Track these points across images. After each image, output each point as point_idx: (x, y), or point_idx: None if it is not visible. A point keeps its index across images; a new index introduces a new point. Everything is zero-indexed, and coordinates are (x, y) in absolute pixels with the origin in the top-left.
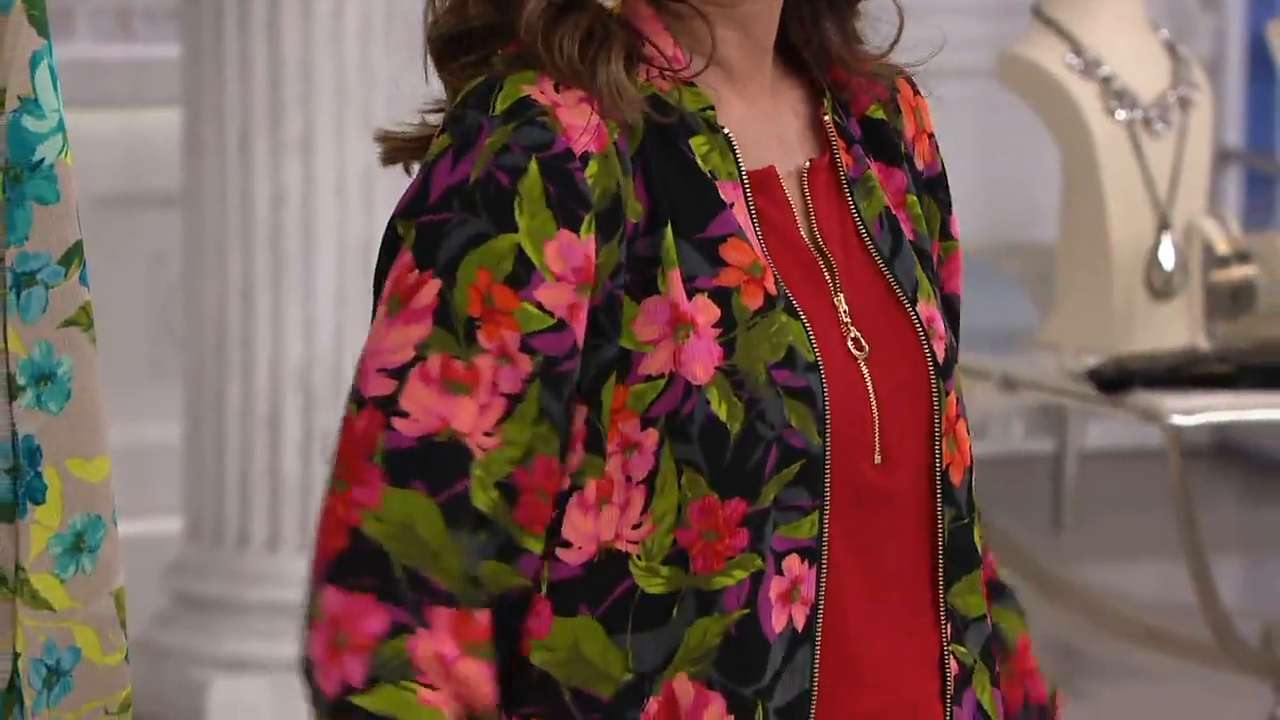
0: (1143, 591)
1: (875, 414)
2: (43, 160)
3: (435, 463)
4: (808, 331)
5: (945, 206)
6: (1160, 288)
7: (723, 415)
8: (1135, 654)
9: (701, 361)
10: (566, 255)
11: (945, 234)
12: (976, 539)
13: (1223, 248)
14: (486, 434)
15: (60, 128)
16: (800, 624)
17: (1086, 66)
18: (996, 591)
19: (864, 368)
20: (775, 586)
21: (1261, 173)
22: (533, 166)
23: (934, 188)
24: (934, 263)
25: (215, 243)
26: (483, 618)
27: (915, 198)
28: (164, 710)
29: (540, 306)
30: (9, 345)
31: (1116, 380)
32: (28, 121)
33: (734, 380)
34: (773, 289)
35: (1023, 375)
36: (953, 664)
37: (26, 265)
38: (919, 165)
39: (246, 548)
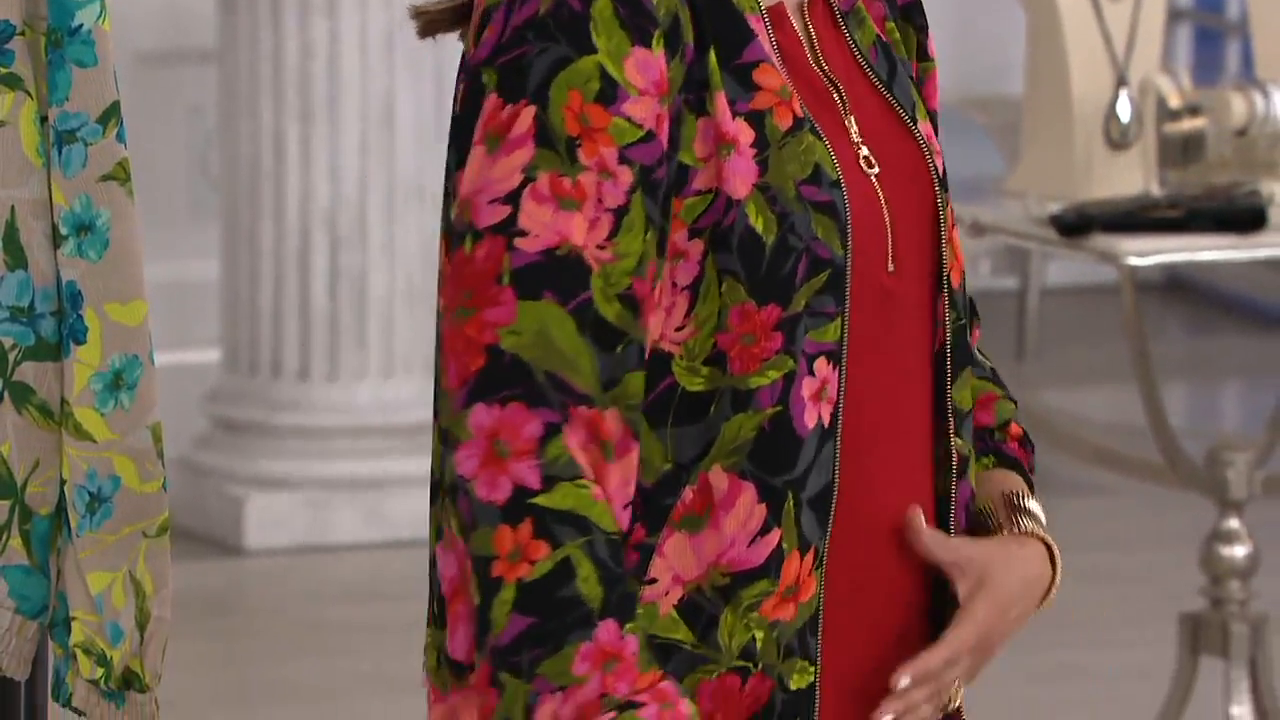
0: (1098, 415)
1: (888, 225)
2: (81, 26)
3: (561, 274)
4: (830, 151)
5: (921, 30)
6: (1117, 139)
7: (759, 228)
8: (1091, 473)
9: (741, 177)
10: (644, 69)
11: (923, 55)
12: (969, 338)
13: (1175, 101)
14: (599, 247)
15: None
16: (827, 420)
17: None
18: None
19: (875, 183)
20: (808, 386)
21: (1210, 31)
22: None
23: (910, 13)
24: (919, 87)
25: (249, 95)
26: (612, 420)
27: (893, 24)
28: (206, 523)
29: (630, 120)
30: (52, 197)
31: (1077, 224)
32: None
33: (768, 196)
34: (799, 111)
35: (991, 220)
36: (955, 456)
37: (67, 124)
38: None
39: (279, 376)
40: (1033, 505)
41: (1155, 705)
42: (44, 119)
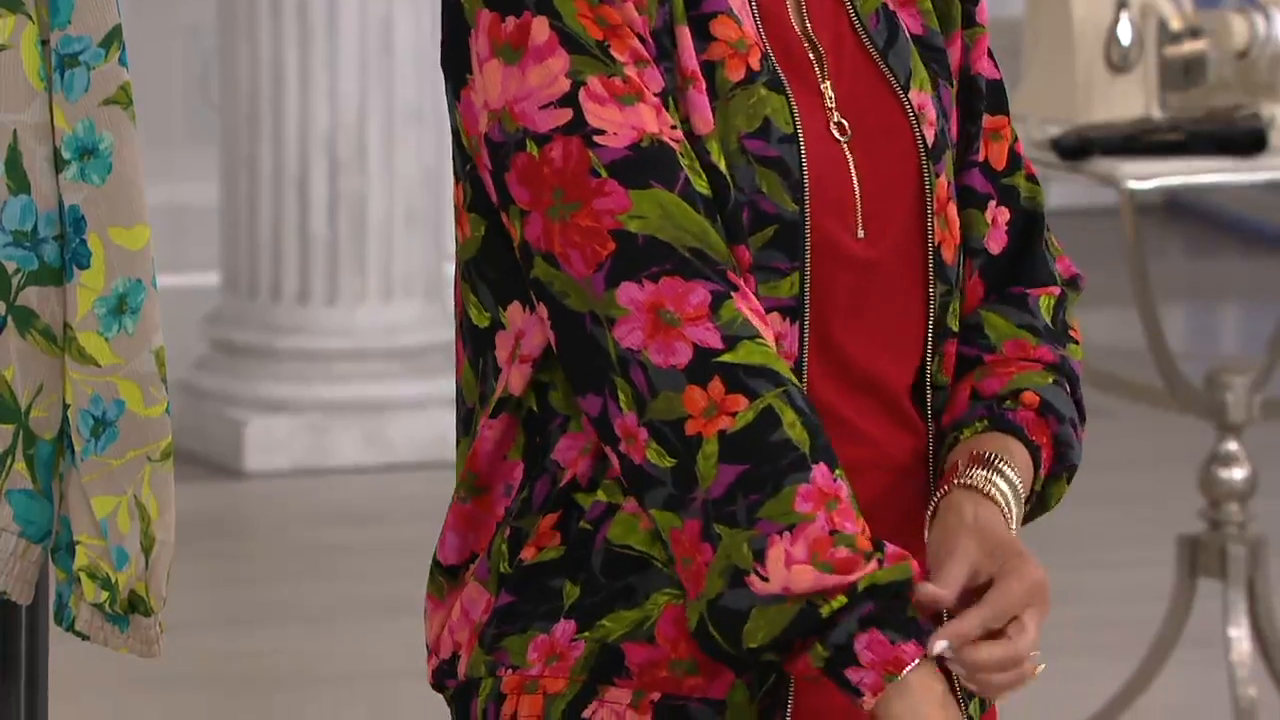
0: (1097, 338)
1: (857, 192)
2: None
3: (654, 163)
4: (791, 107)
5: None
6: (1118, 62)
7: (722, 167)
8: (1090, 396)
9: (702, 116)
10: None
11: (969, 21)
12: (952, 312)
13: (1176, 24)
14: (673, 126)
15: None
16: None
17: None
18: (1016, 302)
19: (846, 150)
20: None
21: None
22: None
23: None
24: (945, 55)
25: (247, 20)
26: (747, 288)
27: None
28: (205, 446)
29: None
30: (54, 121)
31: (1077, 148)
32: None
33: (720, 143)
34: (755, 65)
35: None
36: (932, 427)
37: (69, 47)
38: None
39: (278, 300)
40: (992, 469)
41: (1153, 627)
42: (45, 42)
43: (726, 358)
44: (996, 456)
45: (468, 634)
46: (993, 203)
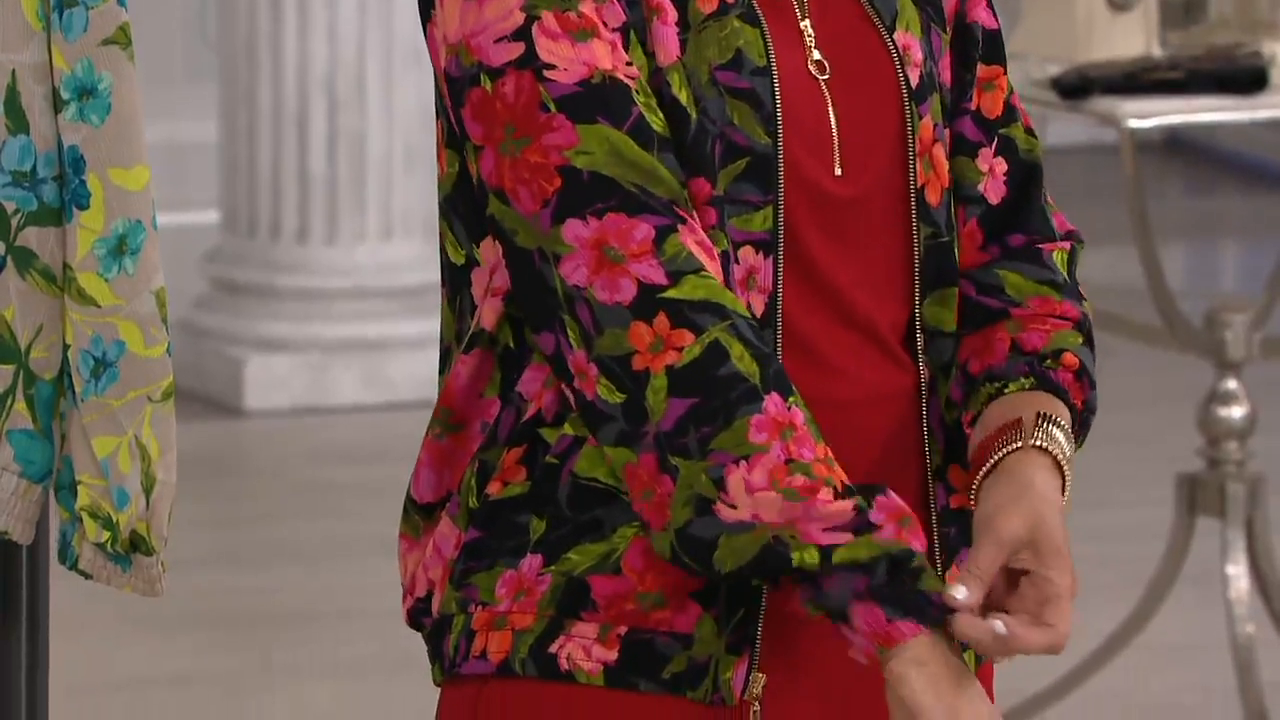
0: (1096, 277)
1: (834, 129)
2: None
3: (605, 99)
4: (765, 40)
5: None
6: (1118, 1)
7: (683, 100)
8: None
9: (665, 47)
10: None
11: None
12: (955, 258)
13: None
14: (627, 64)
15: None
16: (759, 310)
17: None
18: (1032, 258)
19: (825, 88)
20: (736, 272)
21: None
22: None
23: None
24: (939, 2)
25: None
26: (696, 222)
27: None
28: (206, 384)
29: None
30: (53, 61)
31: (1077, 86)
32: None
33: (685, 75)
34: None
35: None
36: (924, 370)
37: None
38: None
39: (278, 238)
40: (1059, 429)
41: (1152, 565)
42: None
43: (671, 293)
44: (1058, 418)
45: (440, 571)
46: (986, 150)
